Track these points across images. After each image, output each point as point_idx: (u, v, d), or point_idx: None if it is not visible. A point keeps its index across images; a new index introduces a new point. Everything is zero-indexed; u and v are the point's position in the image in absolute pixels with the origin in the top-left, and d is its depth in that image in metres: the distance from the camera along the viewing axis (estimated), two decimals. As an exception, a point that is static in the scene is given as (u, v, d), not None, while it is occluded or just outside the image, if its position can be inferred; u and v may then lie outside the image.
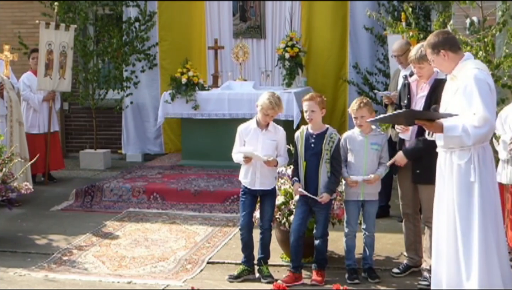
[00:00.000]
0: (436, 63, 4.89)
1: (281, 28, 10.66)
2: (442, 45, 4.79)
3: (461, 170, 4.71)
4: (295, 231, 5.74)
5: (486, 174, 4.71)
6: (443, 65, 4.87)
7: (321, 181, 5.69)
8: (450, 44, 4.80)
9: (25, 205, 8.41)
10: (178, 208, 8.20)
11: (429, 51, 4.88)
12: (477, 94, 4.58)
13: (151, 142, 11.11)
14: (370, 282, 5.74)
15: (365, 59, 10.15)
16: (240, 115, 9.25)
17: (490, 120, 4.59)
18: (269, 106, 5.76)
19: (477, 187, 4.67)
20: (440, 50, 4.79)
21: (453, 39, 4.89)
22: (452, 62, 4.80)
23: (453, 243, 4.78)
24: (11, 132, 8.48)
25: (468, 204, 4.69)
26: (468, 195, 4.69)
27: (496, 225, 4.78)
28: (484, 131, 4.58)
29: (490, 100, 4.62)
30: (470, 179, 4.67)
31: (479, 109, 4.56)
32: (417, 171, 5.63)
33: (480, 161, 4.69)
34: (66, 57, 9.80)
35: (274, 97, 5.81)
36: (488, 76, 4.77)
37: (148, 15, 10.72)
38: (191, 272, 6.13)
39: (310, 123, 5.78)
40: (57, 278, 6.02)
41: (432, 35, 4.93)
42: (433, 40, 4.84)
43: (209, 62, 10.85)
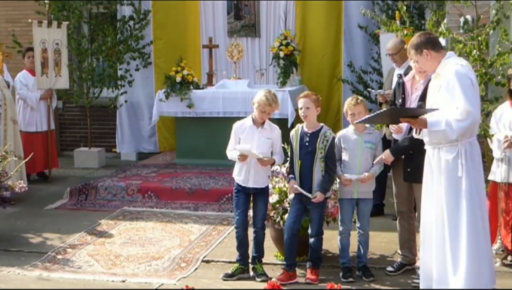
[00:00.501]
0: (420, 63, 5.03)
1: (275, 27, 10.66)
2: (424, 45, 4.94)
3: (449, 165, 4.79)
4: (288, 228, 5.74)
5: (473, 169, 4.81)
6: (426, 65, 5.00)
7: (315, 179, 5.69)
8: (432, 43, 4.96)
9: (19, 203, 8.39)
10: (173, 207, 8.20)
11: (412, 52, 5.02)
12: (459, 88, 4.69)
13: (145, 141, 11.10)
14: (365, 280, 5.75)
15: (360, 57, 10.16)
16: (234, 113, 9.24)
17: (473, 113, 4.68)
18: (266, 103, 5.77)
19: (464, 182, 4.75)
20: (423, 50, 4.94)
21: (434, 39, 5.03)
22: (435, 61, 4.94)
23: (441, 238, 4.85)
24: (5, 130, 8.46)
25: (456, 199, 4.77)
26: (456, 190, 4.78)
27: (483, 219, 4.86)
28: (467, 124, 4.67)
29: (472, 94, 4.72)
30: (458, 174, 4.76)
31: (461, 103, 4.66)
32: (408, 169, 5.66)
33: (467, 156, 4.78)
34: (60, 54, 9.79)
35: (270, 94, 5.82)
36: (470, 71, 4.88)
37: (142, 13, 10.70)
38: (186, 270, 6.12)
39: (304, 120, 5.78)
40: (51, 276, 6.01)
41: (415, 36, 5.08)
42: (415, 41, 5.00)
43: (203, 60, 10.85)
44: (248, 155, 5.77)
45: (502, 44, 6.24)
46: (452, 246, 4.78)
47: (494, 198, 6.05)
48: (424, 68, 5.09)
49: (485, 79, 6.24)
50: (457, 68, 4.78)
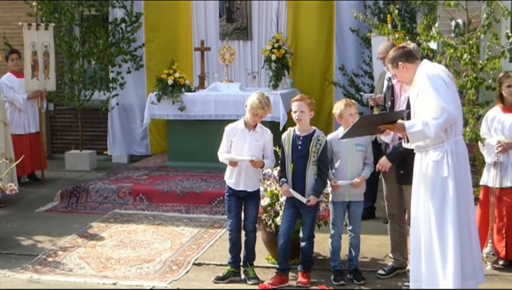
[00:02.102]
0: (398, 76, 5.23)
1: (267, 30, 10.66)
2: (399, 58, 5.15)
3: (435, 166, 4.89)
4: (284, 234, 5.74)
5: (459, 169, 4.90)
6: (404, 76, 5.20)
7: (308, 183, 5.70)
8: (406, 56, 5.15)
9: (10, 206, 8.37)
10: (164, 209, 8.19)
11: (390, 66, 5.25)
12: (431, 89, 4.84)
13: (137, 143, 11.08)
14: (356, 283, 5.76)
15: (351, 61, 10.17)
16: (226, 116, 9.25)
17: (447, 109, 4.78)
18: (259, 106, 5.77)
19: (450, 181, 4.84)
20: (398, 63, 5.13)
21: (408, 52, 5.21)
22: (411, 72, 5.12)
23: (428, 238, 4.91)
24: (-5, 132, 8.43)
25: (442, 199, 4.85)
26: (442, 190, 4.85)
27: (469, 219, 4.95)
28: (442, 120, 4.78)
29: (444, 92, 4.84)
30: (444, 174, 4.85)
31: (435, 101, 4.80)
32: (401, 172, 5.70)
33: (453, 156, 4.88)
34: (49, 56, 9.77)
35: (263, 97, 5.82)
36: (442, 72, 5.00)
37: (134, 16, 10.69)
38: (177, 273, 6.12)
39: (298, 124, 5.78)
40: (42, 279, 6.00)
41: (391, 51, 5.29)
42: (391, 55, 5.22)
43: (195, 63, 10.83)
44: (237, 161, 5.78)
45: (492, 48, 6.27)
46: (439, 246, 4.83)
47: (486, 203, 6.08)
48: (403, 80, 5.28)
49: (475, 83, 6.26)
50: (427, 72, 4.95)
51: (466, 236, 4.90)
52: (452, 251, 4.77)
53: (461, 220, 4.83)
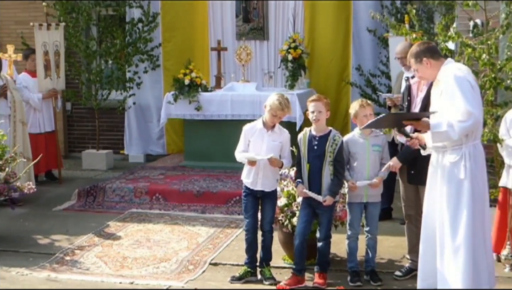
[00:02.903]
0: (421, 71, 5.13)
1: (284, 30, 10.66)
2: (423, 53, 5.06)
3: (452, 168, 4.86)
4: (300, 234, 5.73)
5: (477, 171, 4.88)
6: (426, 73, 5.11)
7: (324, 183, 5.69)
8: (431, 52, 5.08)
9: (28, 204, 8.42)
10: (180, 209, 8.20)
11: (412, 61, 5.14)
12: (458, 91, 4.78)
13: (153, 143, 11.12)
14: (372, 284, 5.74)
15: (368, 61, 10.14)
16: (242, 116, 9.26)
17: (474, 114, 4.75)
18: (278, 107, 5.76)
19: (466, 184, 4.82)
20: (422, 58, 5.05)
21: (433, 48, 5.15)
22: (435, 69, 5.04)
23: (441, 239, 4.91)
24: (14, 132, 8.49)
25: (457, 201, 4.83)
26: (457, 191, 4.83)
27: (483, 222, 4.93)
28: (468, 124, 4.75)
29: (471, 96, 4.80)
30: (460, 176, 4.83)
31: (461, 105, 4.74)
32: (412, 172, 5.71)
33: (471, 158, 4.85)
34: (60, 56, 9.83)
35: (283, 99, 5.81)
36: (468, 75, 4.96)
37: (151, 16, 10.72)
38: (193, 273, 6.13)
39: (315, 124, 5.76)
40: (59, 278, 6.03)
41: (414, 46, 5.19)
42: (415, 50, 5.12)
43: (212, 63, 10.85)
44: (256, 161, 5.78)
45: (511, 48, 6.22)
46: (451, 247, 4.82)
47: (504, 204, 6.03)
48: (425, 76, 5.20)
49: (494, 83, 6.22)
50: (455, 73, 4.88)
51: (481, 239, 4.87)
52: (464, 252, 4.76)
53: (475, 222, 4.81)
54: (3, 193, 6.95)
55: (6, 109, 8.51)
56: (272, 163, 5.77)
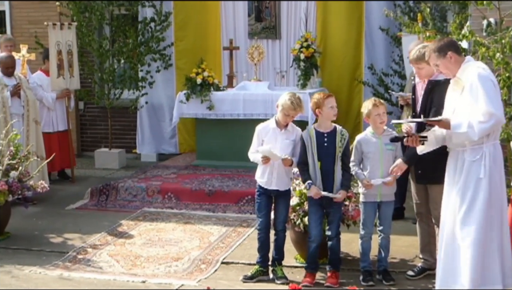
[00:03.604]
0: (442, 66, 5.04)
1: (296, 29, 10.64)
2: (448, 47, 4.98)
3: (472, 167, 4.84)
4: (317, 237, 5.74)
5: (495, 171, 4.87)
6: (448, 68, 5.02)
7: (337, 178, 5.69)
8: (455, 47, 5.02)
9: (41, 203, 8.47)
10: (193, 208, 8.22)
11: (434, 55, 5.03)
12: (482, 91, 4.74)
13: (165, 142, 11.13)
14: (385, 284, 5.72)
15: (381, 60, 10.09)
16: (254, 115, 9.25)
17: (496, 115, 4.73)
18: (290, 106, 5.75)
19: (485, 183, 4.81)
20: (447, 52, 4.97)
21: (456, 43, 5.11)
22: (457, 64, 4.98)
23: (451, 239, 4.89)
24: (27, 131, 8.54)
25: (473, 198, 4.81)
26: (475, 190, 4.82)
27: (501, 221, 4.91)
28: (489, 125, 4.73)
29: (494, 96, 4.79)
30: (480, 176, 4.81)
31: (484, 105, 4.71)
32: (419, 172, 5.71)
33: (490, 158, 4.84)
34: (72, 55, 9.87)
35: (295, 98, 5.81)
36: (491, 74, 4.94)
37: (163, 15, 10.73)
38: (205, 272, 6.13)
39: (332, 119, 5.77)
40: (72, 276, 6.06)
41: (435, 41, 5.17)
42: (438, 44, 5.04)
43: (224, 62, 10.85)
44: (270, 157, 5.76)
45: (524, 47, 6.17)
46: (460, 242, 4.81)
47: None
48: (445, 71, 5.09)
49: (508, 83, 6.18)
50: (479, 72, 4.84)
51: (497, 239, 4.85)
52: (472, 251, 4.74)
53: (493, 222, 4.80)
54: (17, 191, 7.00)
55: (19, 109, 8.55)
56: (285, 163, 5.77)
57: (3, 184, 6.87)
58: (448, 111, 5.02)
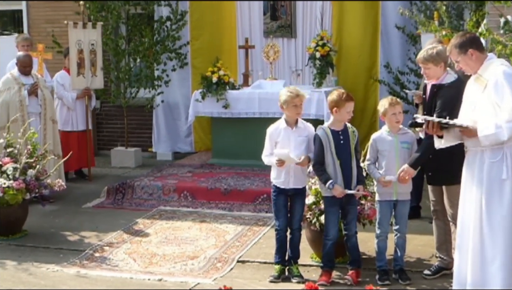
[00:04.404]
0: (463, 63, 4.93)
1: (312, 27, 10.62)
2: (469, 44, 4.87)
3: (493, 168, 4.73)
4: (335, 238, 5.75)
5: None
6: (469, 65, 4.92)
7: (354, 174, 5.70)
8: (477, 43, 4.90)
9: (58, 201, 8.52)
10: (208, 207, 8.23)
11: (455, 52, 4.93)
12: (508, 88, 4.64)
13: (181, 140, 11.16)
14: (401, 283, 5.70)
15: (397, 58, 10.06)
16: (270, 114, 9.24)
17: None
18: (292, 96, 5.76)
19: (509, 184, 4.69)
20: (468, 49, 4.86)
21: (479, 39, 4.99)
22: (478, 61, 4.87)
23: (478, 241, 4.79)
24: (44, 129, 8.59)
25: (498, 201, 4.71)
26: (499, 192, 4.71)
27: None
28: None
29: None
30: (502, 177, 4.70)
31: (510, 104, 4.60)
32: (429, 174, 5.72)
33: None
34: (96, 54, 9.92)
35: (290, 88, 5.89)
36: None
37: (179, 14, 10.76)
38: (221, 270, 6.15)
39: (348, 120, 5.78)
40: (89, 274, 6.09)
41: (457, 36, 5.01)
42: (460, 40, 4.91)
43: (239, 61, 10.87)
44: (286, 161, 5.75)
45: (542, 45, 6.12)
46: (489, 250, 4.73)
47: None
48: (465, 68, 5.01)
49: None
50: (504, 69, 4.75)
51: None
52: (503, 251, 4.67)
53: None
54: (34, 189, 7.06)
55: (36, 107, 8.61)
56: (303, 164, 5.77)
57: (20, 182, 6.93)
58: (468, 108, 4.93)
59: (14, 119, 8.02)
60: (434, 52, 5.59)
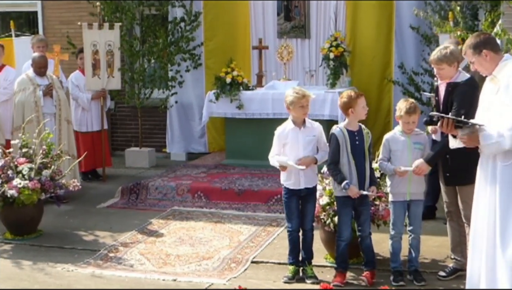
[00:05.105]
0: (477, 63, 4.89)
1: (325, 28, 10.59)
2: (483, 45, 4.81)
3: (505, 171, 4.69)
4: (348, 238, 5.74)
5: None
6: (484, 66, 4.87)
7: (368, 176, 5.70)
8: (491, 44, 4.83)
9: (72, 201, 8.57)
10: (222, 207, 8.24)
11: (470, 52, 4.88)
12: None
13: (195, 141, 11.18)
14: (416, 284, 5.68)
15: (411, 59, 10.02)
16: (284, 115, 9.10)
17: None
18: (299, 96, 5.75)
19: None
20: (482, 50, 4.80)
21: (494, 40, 4.91)
22: (493, 62, 4.81)
23: (492, 243, 4.76)
24: (59, 130, 8.64)
25: (510, 204, 4.66)
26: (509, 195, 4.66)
27: None
28: None
29: None
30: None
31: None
32: (447, 174, 5.68)
33: None
34: (113, 55, 9.96)
35: (295, 89, 5.87)
36: None
37: (193, 15, 10.78)
38: (235, 271, 6.15)
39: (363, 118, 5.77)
40: (103, 274, 6.12)
41: (472, 36, 4.95)
42: (474, 40, 4.86)
43: (253, 62, 10.86)
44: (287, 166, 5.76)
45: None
46: (502, 254, 4.68)
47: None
48: (480, 70, 4.97)
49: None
50: None
51: None
52: None
53: None
54: (49, 190, 7.10)
55: (51, 108, 8.66)
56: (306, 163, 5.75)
57: (36, 182, 6.97)
58: (482, 109, 4.91)
59: (30, 120, 8.07)
60: (448, 52, 5.56)
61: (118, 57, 10.04)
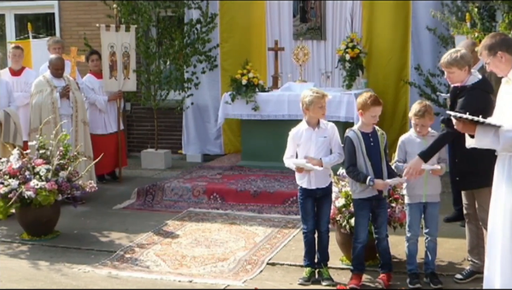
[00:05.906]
0: (492, 65, 4.86)
1: (341, 29, 10.58)
2: (499, 46, 4.78)
3: None
4: (364, 241, 5.72)
5: None
6: (499, 67, 4.84)
7: (385, 177, 5.66)
8: (507, 45, 4.79)
9: (89, 203, 8.61)
10: (238, 209, 8.25)
11: (485, 53, 4.85)
12: None
13: (211, 143, 11.20)
14: (432, 287, 5.65)
15: (428, 60, 9.96)
16: (299, 116, 9.10)
17: None
18: (319, 96, 5.74)
19: None
20: (497, 51, 4.77)
21: (510, 41, 4.86)
22: (508, 64, 4.78)
23: (508, 246, 4.71)
24: (76, 131, 8.69)
25: None
26: None
27: None
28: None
29: None
30: None
31: None
32: (456, 179, 5.64)
33: None
34: (129, 57, 10.01)
35: (312, 90, 5.84)
36: None
37: (209, 17, 10.80)
38: (251, 272, 6.15)
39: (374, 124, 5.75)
40: (120, 275, 6.14)
41: (488, 37, 4.92)
42: (489, 41, 4.83)
43: (269, 63, 10.86)
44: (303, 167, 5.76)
45: None
46: None
47: None
48: (495, 71, 4.94)
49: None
50: None
51: None
52: None
53: None
54: (66, 191, 7.14)
55: (68, 110, 8.71)
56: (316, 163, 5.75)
57: (53, 183, 7.02)
58: (498, 111, 4.89)
59: (47, 121, 8.12)
60: (458, 55, 5.50)
61: (133, 59, 10.09)
